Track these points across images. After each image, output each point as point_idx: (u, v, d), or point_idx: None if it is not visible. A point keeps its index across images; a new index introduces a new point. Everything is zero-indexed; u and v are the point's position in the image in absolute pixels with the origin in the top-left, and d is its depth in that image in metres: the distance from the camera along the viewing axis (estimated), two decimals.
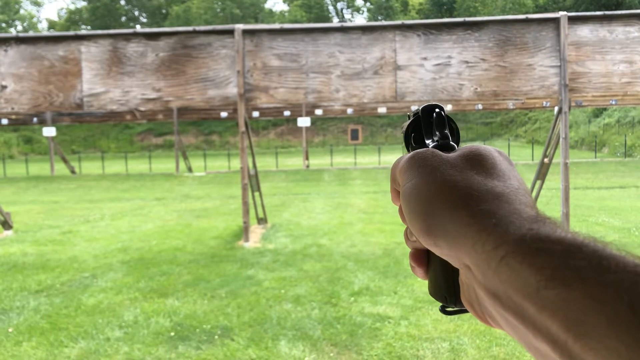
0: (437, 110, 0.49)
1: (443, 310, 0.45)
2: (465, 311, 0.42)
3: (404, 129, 0.51)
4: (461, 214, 0.37)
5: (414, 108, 0.53)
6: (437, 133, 0.47)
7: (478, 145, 0.44)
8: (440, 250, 0.39)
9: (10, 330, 4.82)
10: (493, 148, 0.43)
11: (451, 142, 0.47)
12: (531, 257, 0.32)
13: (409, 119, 0.51)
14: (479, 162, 0.41)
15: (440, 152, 0.43)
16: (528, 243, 0.33)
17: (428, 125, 0.49)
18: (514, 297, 0.32)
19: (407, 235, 0.46)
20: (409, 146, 0.50)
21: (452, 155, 0.43)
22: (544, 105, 20.99)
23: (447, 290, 0.43)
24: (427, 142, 0.48)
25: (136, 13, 64.08)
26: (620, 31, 7.69)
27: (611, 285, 0.28)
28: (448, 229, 0.38)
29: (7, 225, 9.86)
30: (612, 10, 33.60)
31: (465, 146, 0.44)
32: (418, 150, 0.44)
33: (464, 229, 0.37)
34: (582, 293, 0.28)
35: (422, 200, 0.40)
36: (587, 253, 0.30)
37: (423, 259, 0.45)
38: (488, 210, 0.37)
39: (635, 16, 7.75)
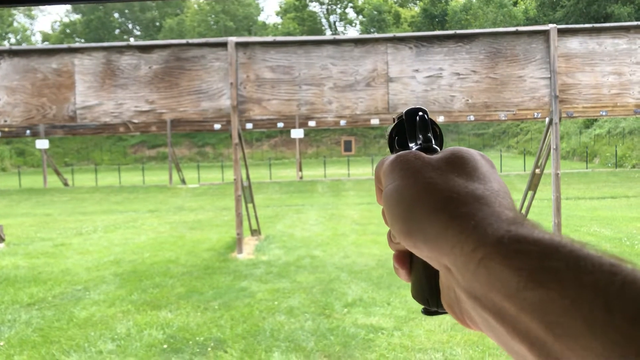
0: (420, 113, 0.49)
1: (425, 311, 0.46)
2: (446, 312, 0.42)
3: (388, 132, 0.52)
4: (441, 216, 0.38)
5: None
6: (420, 136, 0.48)
7: (460, 147, 0.44)
8: (421, 252, 0.40)
9: (1, 344, 4.78)
10: (475, 151, 0.44)
11: (434, 145, 0.47)
12: (509, 259, 0.32)
13: (394, 121, 0.52)
14: (460, 165, 0.42)
15: (423, 154, 0.43)
16: (506, 244, 0.33)
17: (411, 129, 0.49)
18: (494, 298, 0.33)
19: (390, 237, 0.46)
20: (392, 149, 0.51)
21: (434, 157, 0.43)
22: (535, 116, 21.15)
23: (429, 293, 0.43)
24: (411, 145, 0.48)
25: (130, 26, 64.22)
26: (609, 43, 7.80)
27: (587, 286, 0.28)
28: (428, 231, 0.38)
29: None
30: (601, 22, 33.96)
31: (447, 148, 0.44)
32: (401, 152, 0.44)
33: (444, 231, 0.37)
34: (559, 294, 0.29)
35: (403, 203, 0.40)
36: (564, 254, 0.31)
37: (406, 261, 0.46)
38: (467, 212, 0.37)
39: (623, 29, 7.86)
